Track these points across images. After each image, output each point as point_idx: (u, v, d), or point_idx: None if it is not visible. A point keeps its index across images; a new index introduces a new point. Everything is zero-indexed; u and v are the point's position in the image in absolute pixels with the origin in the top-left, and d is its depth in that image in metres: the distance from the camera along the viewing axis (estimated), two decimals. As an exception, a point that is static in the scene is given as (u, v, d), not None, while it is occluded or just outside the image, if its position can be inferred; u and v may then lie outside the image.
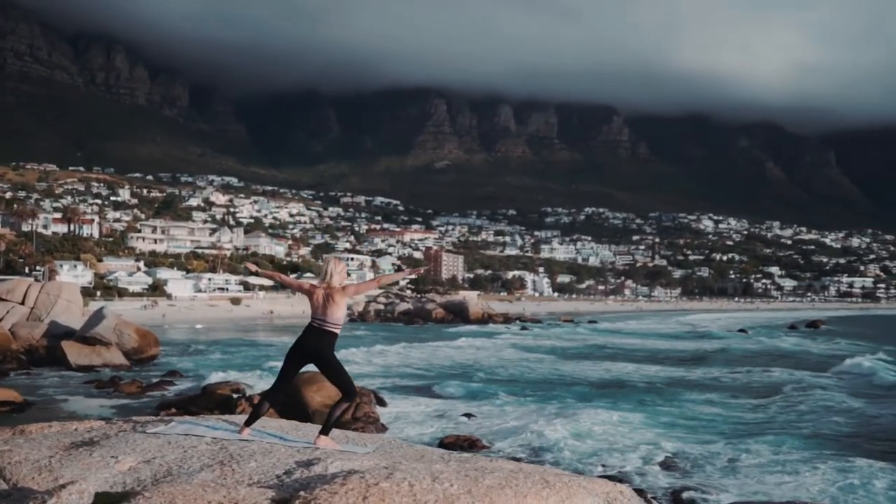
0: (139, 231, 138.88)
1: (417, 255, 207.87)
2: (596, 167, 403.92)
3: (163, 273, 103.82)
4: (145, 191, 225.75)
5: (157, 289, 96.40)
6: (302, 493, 3.81)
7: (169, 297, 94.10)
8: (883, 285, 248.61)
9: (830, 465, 14.72)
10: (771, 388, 28.16)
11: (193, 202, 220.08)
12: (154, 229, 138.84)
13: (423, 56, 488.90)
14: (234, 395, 21.13)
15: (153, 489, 3.69)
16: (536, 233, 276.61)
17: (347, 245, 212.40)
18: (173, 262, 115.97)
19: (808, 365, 36.61)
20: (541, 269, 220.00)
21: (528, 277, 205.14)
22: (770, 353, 46.10)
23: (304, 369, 21.49)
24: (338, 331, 5.76)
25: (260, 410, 5.86)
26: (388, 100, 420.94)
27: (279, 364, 23.16)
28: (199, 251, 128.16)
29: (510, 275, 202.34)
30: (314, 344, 5.72)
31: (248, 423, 5.74)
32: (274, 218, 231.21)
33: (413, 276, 78.56)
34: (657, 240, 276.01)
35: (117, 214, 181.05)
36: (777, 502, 5.42)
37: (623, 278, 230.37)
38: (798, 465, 14.84)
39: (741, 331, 73.65)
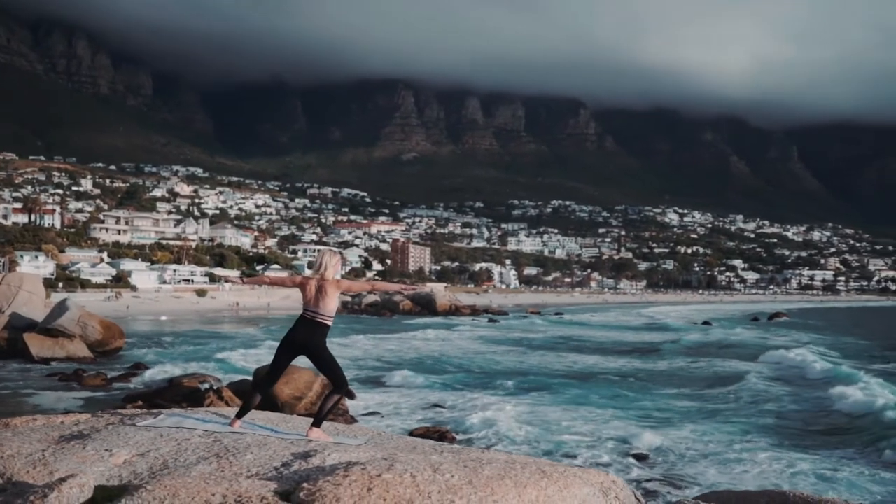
0: (102, 222, 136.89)
1: (384, 247, 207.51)
2: (563, 160, 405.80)
3: (127, 264, 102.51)
4: (108, 181, 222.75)
5: (120, 280, 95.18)
6: (305, 485, 3.81)
7: (133, 288, 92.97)
8: (843, 278, 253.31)
9: (785, 454, 15.32)
10: (719, 378, 28.83)
11: (158, 193, 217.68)
12: (118, 220, 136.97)
13: (391, 47, 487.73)
14: (202, 388, 20.95)
15: (155, 482, 3.66)
16: (503, 225, 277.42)
17: (314, 237, 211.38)
18: (137, 253, 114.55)
19: (761, 357, 37.32)
20: (508, 262, 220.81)
21: (495, 269, 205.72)
22: (723, 345, 46.73)
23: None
24: (330, 323, 5.74)
25: (251, 402, 5.85)
26: (356, 91, 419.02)
27: (229, 355, 23.24)
28: (164, 242, 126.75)
29: (477, 267, 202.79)
30: (306, 335, 5.69)
31: (239, 416, 5.74)
32: (240, 209, 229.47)
33: (405, 293, 78.98)
34: (623, 232, 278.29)
35: (79, 205, 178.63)
36: (752, 490, 5.52)
37: (589, 271, 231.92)
38: (757, 454, 15.28)
39: (705, 323, 74.61)
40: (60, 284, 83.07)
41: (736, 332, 59.39)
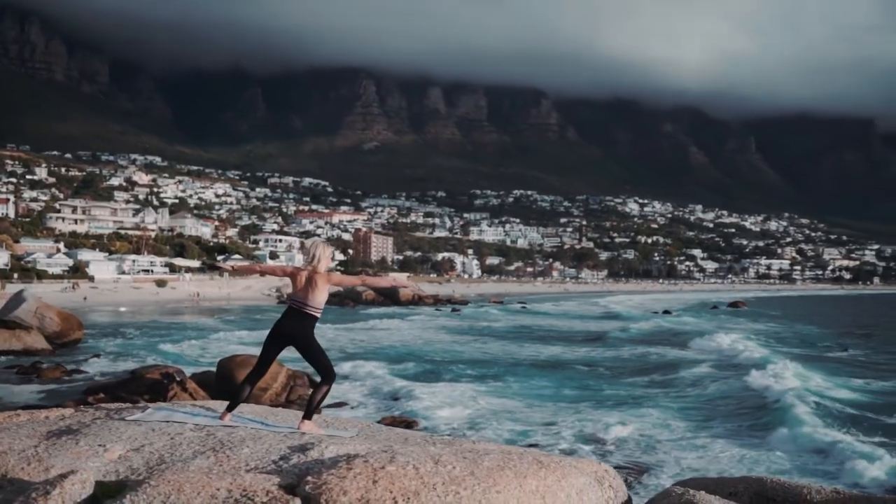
0: (58, 211, 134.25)
1: (346, 236, 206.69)
2: (525, 150, 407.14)
3: (84, 254, 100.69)
4: (64, 169, 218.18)
5: (78, 271, 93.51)
6: (309, 478, 3.80)
7: (91, 279, 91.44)
8: (798, 267, 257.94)
9: (735, 439, 15.95)
10: (663, 366, 29.47)
11: (115, 182, 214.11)
12: (74, 209, 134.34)
13: (352, 36, 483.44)
14: (164, 380, 20.64)
15: (158, 478, 3.62)
16: (465, 215, 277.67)
17: (275, 226, 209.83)
18: (95, 243, 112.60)
19: (696, 344, 38.18)
20: (470, 251, 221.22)
21: (458, 259, 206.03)
22: (674, 333, 47.19)
23: (238, 351, 20.80)
24: (318, 314, 5.70)
25: (241, 395, 5.78)
26: (317, 79, 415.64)
27: (190, 345, 23.00)
28: (123, 232, 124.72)
29: (440, 256, 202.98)
30: (293, 326, 5.64)
31: (229, 409, 5.69)
32: (199, 198, 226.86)
33: (396, 287, 79.30)
34: (584, 222, 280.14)
35: (34, 193, 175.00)
36: (729, 476, 5.60)
37: (551, 260, 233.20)
38: (711, 440, 15.75)
39: (665, 312, 75.66)
40: (15, 275, 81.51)
41: (691, 322, 59.61)
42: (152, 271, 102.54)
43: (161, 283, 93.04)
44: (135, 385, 20.20)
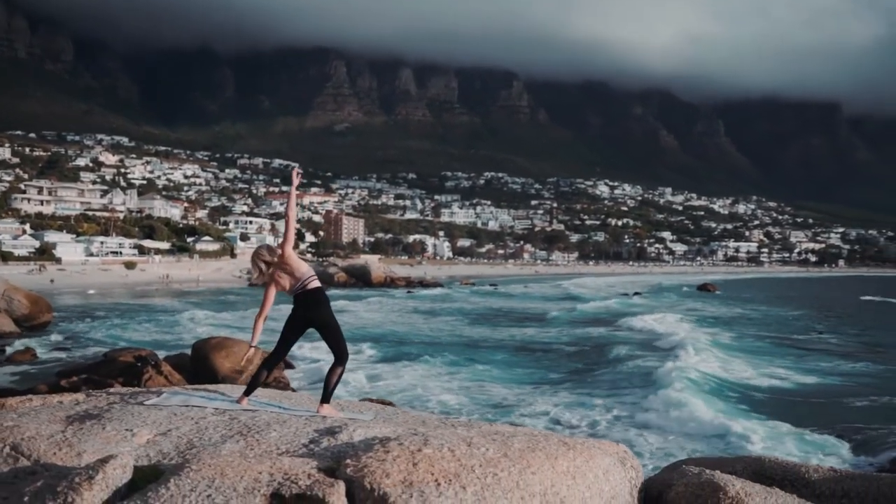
0: (24, 192, 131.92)
1: (317, 218, 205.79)
2: (495, 132, 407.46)
3: (51, 236, 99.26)
4: (28, 149, 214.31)
5: (45, 253, 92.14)
6: (349, 461, 3.82)
7: (58, 261, 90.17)
8: (766, 250, 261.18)
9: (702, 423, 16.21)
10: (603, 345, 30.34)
11: (81, 162, 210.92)
12: (40, 190, 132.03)
13: (323, 15, 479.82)
14: (138, 363, 20.38)
15: (198, 461, 3.62)
16: (437, 197, 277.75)
17: (245, 208, 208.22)
18: (62, 224, 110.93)
19: (625, 323, 39.37)
20: (441, 233, 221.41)
21: (429, 241, 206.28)
22: (620, 314, 47.52)
23: (211, 333, 20.64)
24: (317, 282, 5.72)
25: (259, 379, 5.78)
26: (287, 60, 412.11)
27: (141, 329, 22.88)
28: (90, 213, 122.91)
29: (411, 238, 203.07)
30: (307, 312, 5.70)
31: (247, 393, 5.69)
32: (168, 179, 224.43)
33: (298, 181, 77.59)
34: (555, 205, 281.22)
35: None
36: (727, 456, 5.66)
37: (522, 242, 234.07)
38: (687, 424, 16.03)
39: (636, 294, 76.33)
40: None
41: (654, 305, 59.56)
42: (121, 253, 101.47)
43: (130, 265, 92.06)
44: (107, 368, 19.92)
